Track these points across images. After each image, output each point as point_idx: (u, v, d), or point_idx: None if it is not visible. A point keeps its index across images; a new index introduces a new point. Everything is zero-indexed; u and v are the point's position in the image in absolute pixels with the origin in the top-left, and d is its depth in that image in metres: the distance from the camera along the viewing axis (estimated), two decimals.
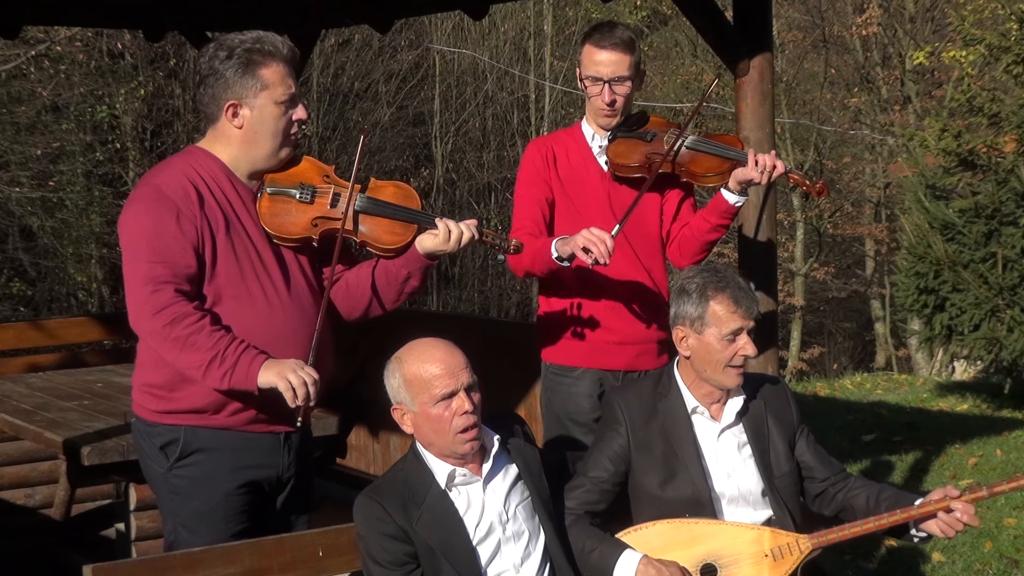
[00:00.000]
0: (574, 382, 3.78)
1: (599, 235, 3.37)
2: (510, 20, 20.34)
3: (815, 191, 3.67)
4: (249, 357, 2.88)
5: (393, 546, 2.76)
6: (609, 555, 2.95)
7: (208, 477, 3.04)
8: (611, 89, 3.67)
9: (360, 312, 3.21)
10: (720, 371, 3.06)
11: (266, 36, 3.01)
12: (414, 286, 3.17)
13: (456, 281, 19.83)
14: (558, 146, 3.83)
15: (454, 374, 2.77)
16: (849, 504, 3.12)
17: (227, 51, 2.98)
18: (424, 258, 3.12)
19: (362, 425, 6.08)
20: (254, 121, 3.01)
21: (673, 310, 3.14)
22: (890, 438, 7.94)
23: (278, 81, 3.00)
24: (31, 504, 5.55)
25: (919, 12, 18.42)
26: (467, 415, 2.76)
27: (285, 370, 2.87)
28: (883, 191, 19.44)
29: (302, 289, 3.10)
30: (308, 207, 3.08)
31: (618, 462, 3.10)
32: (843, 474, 3.21)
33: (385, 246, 3.13)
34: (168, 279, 2.88)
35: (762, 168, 3.58)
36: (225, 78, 2.97)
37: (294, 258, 3.11)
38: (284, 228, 3.06)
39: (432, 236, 3.11)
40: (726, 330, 3.03)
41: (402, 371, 2.81)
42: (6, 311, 15.30)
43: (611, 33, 3.68)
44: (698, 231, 3.75)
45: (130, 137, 16.37)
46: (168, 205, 2.91)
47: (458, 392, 2.77)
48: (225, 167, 3.04)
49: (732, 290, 3.06)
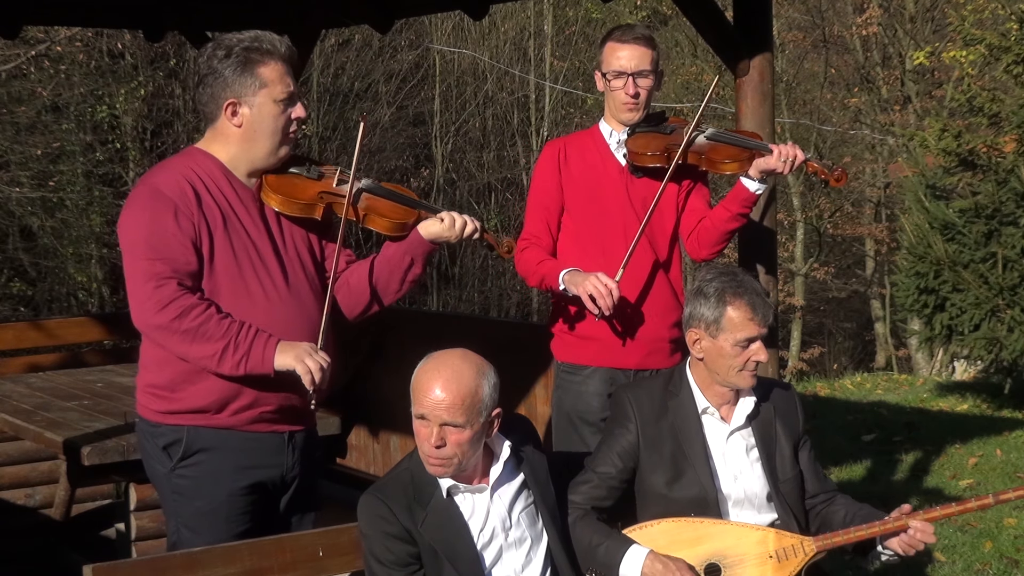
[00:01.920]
0: (584, 380, 3.79)
1: (606, 286, 3.48)
2: (510, 20, 20.34)
3: (834, 179, 3.68)
4: (263, 340, 2.90)
5: (397, 546, 2.76)
6: (616, 550, 2.95)
7: (211, 477, 3.04)
8: (635, 82, 3.73)
9: (363, 306, 3.21)
10: (734, 374, 3.06)
11: (264, 35, 3.02)
12: (417, 273, 3.17)
13: (456, 281, 19.82)
14: (572, 145, 3.87)
15: (435, 405, 2.69)
16: (828, 520, 3.13)
17: (225, 50, 2.98)
18: (427, 243, 3.12)
19: (362, 425, 6.08)
20: (253, 119, 3.01)
21: (688, 311, 3.13)
22: (890, 438, 7.93)
23: (277, 79, 3.00)
24: (31, 504, 5.55)
25: (919, 12, 18.42)
26: (431, 446, 2.71)
27: (302, 353, 2.91)
28: (883, 191, 19.44)
29: (302, 285, 3.10)
30: (315, 182, 3.12)
31: (627, 458, 3.10)
32: (832, 493, 3.22)
33: (388, 220, 3.13)
34: (169, 275, 2.89)
35: (784, 157, 3.62)
36: (224, 77, 2.98)
37: (295, 254, 3.11)
38: (293, 193, 3.07)
39: (437, 222, 3.12)
40: (741, 336, 3.03)
41: (418, 368, 2.79)
42: (6, 311, 15.29)
43: (632, 29, 3.80)
44: (719, 220, 3.77)
45: (130, 137, 16.36)
46: (166, 203, 2.92)
47: (430, 422, 2.71)
48: (223, 166, 3.05)
49: (750, 296, 3.05)
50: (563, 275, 3.63)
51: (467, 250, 19.48)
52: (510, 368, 4.79)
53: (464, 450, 2.72)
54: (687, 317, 3.14)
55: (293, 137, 3.08)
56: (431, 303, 19.14)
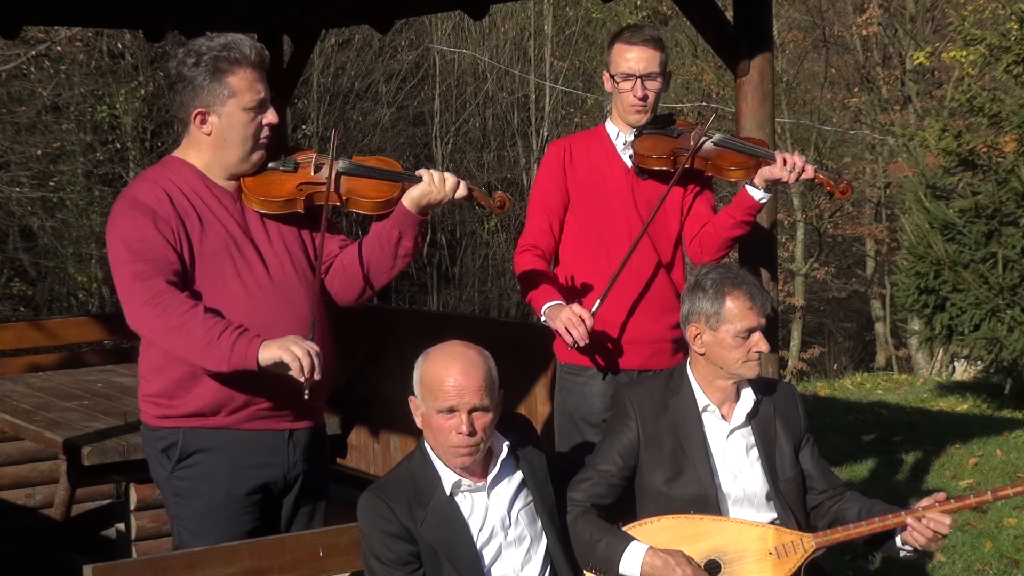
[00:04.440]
0: (587, 381, 3.79)
1: (579, 316, 3.47)
2: (510, 20, 20.34)
3: (839, 191, 3.69)
4: (247, 338, 2.87)
5: (397, 545, 2.76)
6: (616, 546, 2.96)
7: (209, 478, 3.04)
8: (643, 84, 3.72)
9: (358, 290, 3.18)
10: (739, 365, 3.07)
11: (234, 42, 3.00)
12: (408, 247, 3.12)
13: (456, 281, 19.83)
14: (578, 145, 3.87)
15: (461, 393, 2.73)
16: (841, 515, 3.13)
17: (195, 57, 2.98)
18: (414, 215, 3.08)
19: (362, 425, 6.08)
20: (223, 128, 3.01)
21: (687, 306, 3.13)
22: (890, 438, 7.93)
23: (246, 88, 2.99)
24: (31, 504, 5.54)
25: (919, 12, 18.41)
26: (462, 435, 2.74)
27: (287, 342, 2.84)
28: (883, 191, 19.42)
29: (290, 281, 3.08)
30: (291, 175, 3.10)
31: (627, 456, 3.10)
32: (841, 489, 3.21)
33: (371, 200, 3.11)
34: (154, 273, 2.90)
35: (791, 167, 3.62)
36: (193, 85, 2.98)
37: (283, 250, 3.10)
38: (270, 193, 3.06)
39: (419, 186, 3.08)
40: (741, 327, 3.03)
41: (423, 367, 2.80)
42: (6, 311, 15.30)
43: (640, 31, 3.78)
44: (722, 227, 3.77)
45: (130, 137, 16.36)
46: (144, 210, 2.94)
47: (459, 411, 2.74)
48: (199, 172, 3.06)
49: (748, 287, 3.07)
50: (544, 309, 3.61)
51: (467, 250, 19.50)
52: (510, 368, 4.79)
53: (488, 433, 2.79)
54: (686, 313, 3.14)
55: (264, 142, 3.07)
56: (431, 303, 19.14)
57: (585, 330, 3.47)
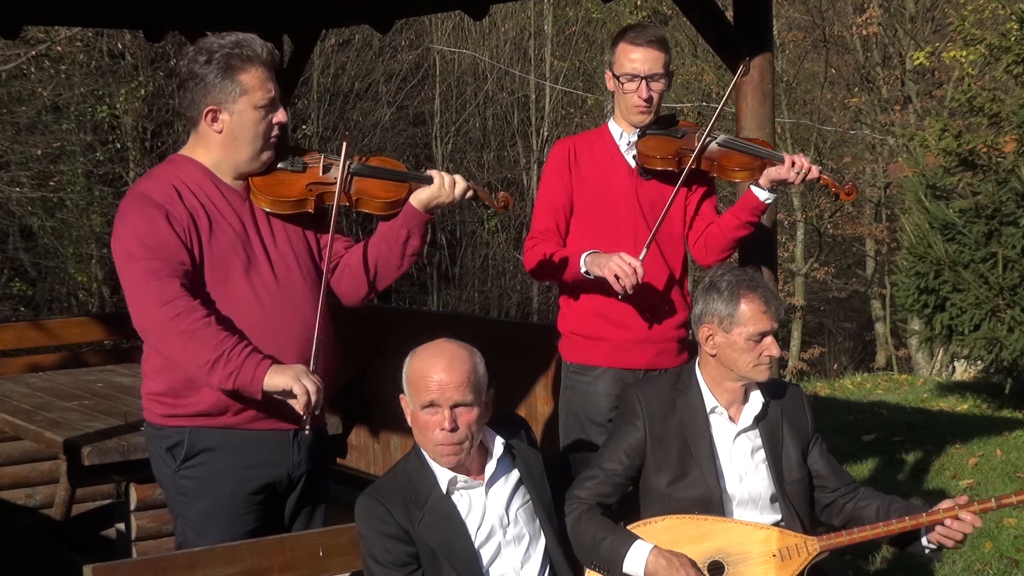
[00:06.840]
0: (593, 381, 3.79)
1: (630, 264, 3.48)
2: (510, 20, 20.34)
3: (844, 193, 3.69)
4: (255, 360, 2.86)
5: (395, 547, 2.76)
6: (620, 545, 2.95)
7: (214, 477, 3.03)
8: (647, 85, 3.72)
9: (365, 289, 3.18)
10: (750, 369, 3.06)
11: (245, 40, 3.00)
12: (416, 245, 3.14)
13: (456, 281, 19.83)
14: (582, 145, 3.87)
15: (443, 388, 2.72)
16: (858, 514, 3.12)
17: (206, 55, 2.97)
18: (422, 213, 3.11)
19: (362, 425, 6.08)
20: (234, 126, 3.00)
21: (700, 307, 3.12)
22: (890, 438, 7.93)
23: (257, 86, 2.99)
24: (31, 504, 5.54)
25: (919, 12, 18.41)
26: (445, 432, 2.73)
27: (299, 373, 2.85)
28: (883, 191, 19.43)
29: (295, 282, 3.08)
30: (301, 175, 3.10)
31: (633, 456, 3.10)
32: (853, 485, 3.21)
33: (380, 200, 3.12)
34: (170, 273, 2.88)
35: (798, 169, 3.62)
36: (204, 83, 2.97)
37: (288, 250, 3.09)
38: (281, 193, 3.06)
39: (427, 187, 3.11)
40: (754, 330, 3.03)
41: (410, 365, 2.80)
42: (6, 311, 15.30)
43: (645, 31, 3.77)
44: (727, 228, 3.78)
45: (130, 137, 16.37)
46: (156, 207, 2.92)
47: (441, 407, 2.73)
48: (208, 171, 3.04)
49: (763, 291, 3.06)
50: (584, 257, 3.61)
51: (467, 250, 19.49)
52: (510, 368, 4.81)
53: (474, 431, 2.76)
54: (699, 313, 3.12)
55: (274, 141, 3.07)
56: (431, 303, 19.14)
57: (636, 279, 3.48)
